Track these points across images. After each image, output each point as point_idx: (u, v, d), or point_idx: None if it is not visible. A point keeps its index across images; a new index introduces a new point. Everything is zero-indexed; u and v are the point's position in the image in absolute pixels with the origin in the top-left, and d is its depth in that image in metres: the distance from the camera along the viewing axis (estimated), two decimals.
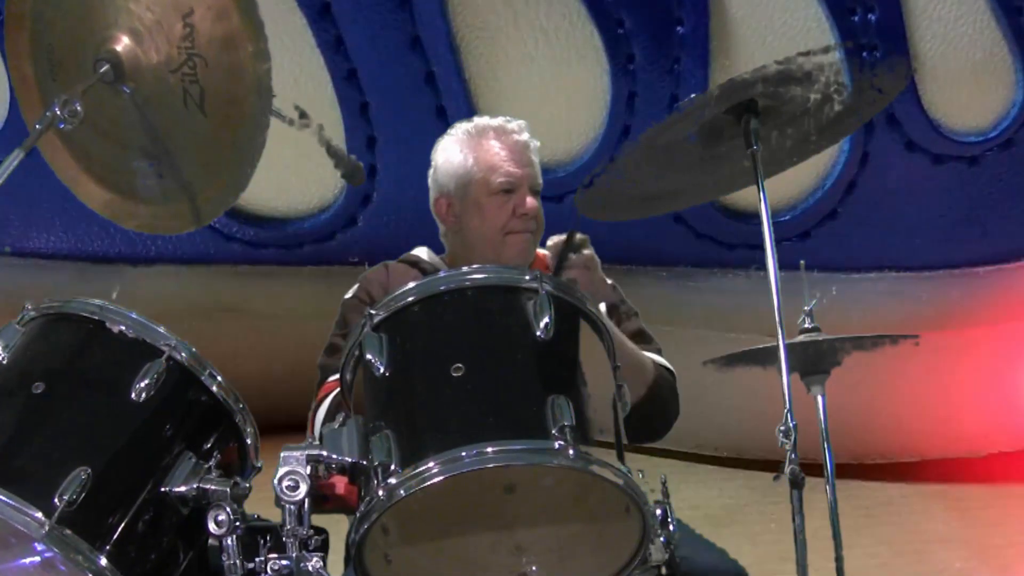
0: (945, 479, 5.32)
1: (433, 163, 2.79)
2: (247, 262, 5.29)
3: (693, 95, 2.05)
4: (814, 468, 2.34)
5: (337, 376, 2.48)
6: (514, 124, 2.73)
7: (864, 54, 4.70)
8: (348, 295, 2.74)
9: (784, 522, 2.16)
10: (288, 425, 2.73)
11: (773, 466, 2.17)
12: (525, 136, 2.72)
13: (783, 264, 2.19)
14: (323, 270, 5.28)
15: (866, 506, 4.97)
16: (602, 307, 2.65)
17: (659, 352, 2.69)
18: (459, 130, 2.77)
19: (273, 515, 1.94)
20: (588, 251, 2.53)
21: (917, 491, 5.24)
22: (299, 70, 4.81)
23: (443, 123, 4.87)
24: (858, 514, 4.77)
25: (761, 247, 2.17)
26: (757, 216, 2.19)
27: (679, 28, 4.83)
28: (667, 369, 2.66)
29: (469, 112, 4.89)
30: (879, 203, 5.21)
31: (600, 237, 2.57)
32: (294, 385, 3.23)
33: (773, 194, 2.31)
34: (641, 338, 2.69)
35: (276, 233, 5.24)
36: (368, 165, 5.00)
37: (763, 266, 2.15)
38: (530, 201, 2.66)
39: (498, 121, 2.75)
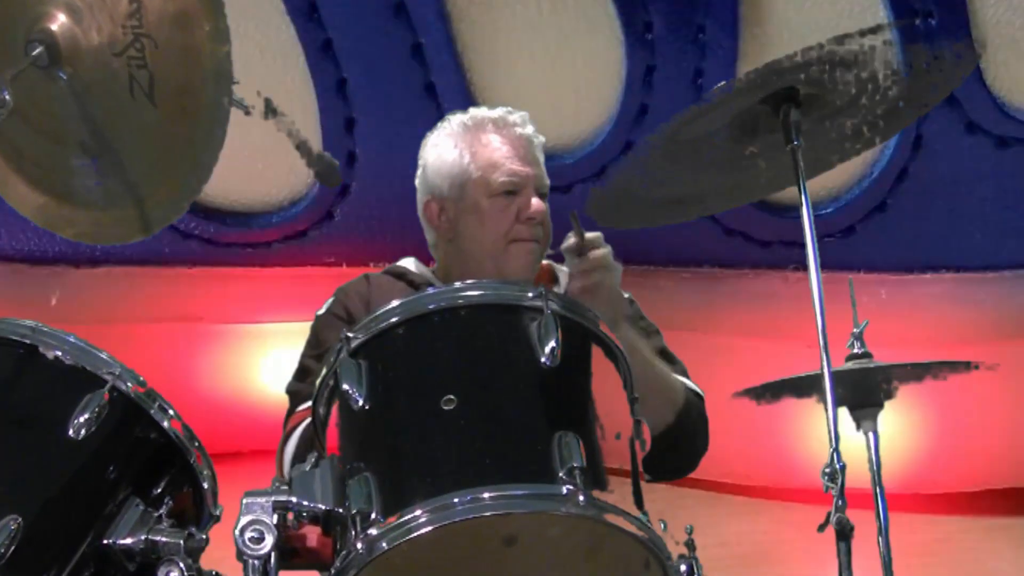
0: (1012, 512, 5.31)
1: (422, 161, 2.77)
2: (207, 263, 5.28)
3: (722, 82, 2.02)
4: (861, 499, 2.33)
5: (309, 405, 2.47)
6: (516, 116, 2.71)
7: (918, 22, 4.68)
8: (322, 310, 2.72)
9: (828, 562, 2.15)
10: (258, 451, 2.72)
11: (813, 497, 2.15)
12: (529, 130, 2.70)
13: (825, 264, 2.18)
14: (295, 272, 5.27)
15: (922, 542, 4.96)
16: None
17: (685, 375, 2.68)
18: (453, 122, 2.75)
19: (234, 571, 1.90)
20: (601, 251, 2.49)
21: (980, 525, 5.24)
22: (266, 41, 4.79)
23: (432, 102, 4.88)
24: (913, 552, 4.75)
25: (799, 244, 2.17)
26: (794, 209, 2.18)
27: None
28: (695, 393, 2.66)
29: (461, 89, 4.88)
30: (934, 193, 5.20)
31: (611, 233, 2.54)
32: (263, 407, 3.23)
33: (812, 183, 2.30)
34: (663, 359, 2.67)
35: (240, 229, 5.23)
36: (346, 151, 4.99)
37: (801, 266, 2.13)
38: (536, 203, 2.65)
39: (498, 112, 2.73)
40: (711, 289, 5.27)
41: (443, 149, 2.72)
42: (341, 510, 1.84)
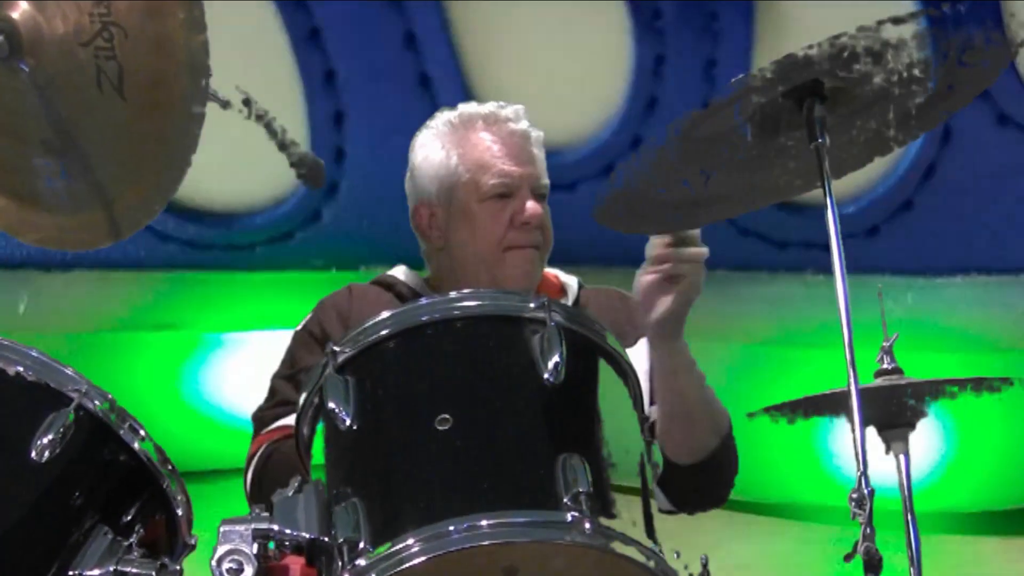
0: None
1: (410, 164, 2.75)
2: (186, 267, 5.28)
3: (741, 75, 2.01)
4: (890, 516, 2.30)
5: (274, 427, 2.44)
6: (509, 110, 2.69)
7: (946, 9, 4.66)
8: (299, 326, 2.70)
9: None
10: (239, 471, 2.71)
11: (836, 516, 2.13)
12: (523, 124, 2.67)
13: (847, 266, 2.15)
14: (280, 277, 5.27)
15: (956, 565, 4.95)
16: (643, 343, 2.62)
17: None
18: (440, 121, 2.73)
19: None
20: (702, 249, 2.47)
21: (1019, 546, 5.22)
22: (247, 30, 4.79)
23: (427, 94, 4.89)
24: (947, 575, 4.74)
25: (818, 246, 2.16)
26: (813, 207, 2.17)
27: None
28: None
29: (457, 80, 4.90)
30: (964, 190, 5.21)
31: (619, 238, 2.52)
32: (245, 422, 3.21)
33: (835, 180, 2.26)
34: None
35: (221, 231, 5.24)
36: (335, 147, 5.01)
37: (821, 269, 2.11)
38: (532, 206, 2.61)
39: (488, 107, 2.71)
40: (725, 293, 5.24)
41: (430, 150, 2.70)
42: (327, 539, 1.82)
